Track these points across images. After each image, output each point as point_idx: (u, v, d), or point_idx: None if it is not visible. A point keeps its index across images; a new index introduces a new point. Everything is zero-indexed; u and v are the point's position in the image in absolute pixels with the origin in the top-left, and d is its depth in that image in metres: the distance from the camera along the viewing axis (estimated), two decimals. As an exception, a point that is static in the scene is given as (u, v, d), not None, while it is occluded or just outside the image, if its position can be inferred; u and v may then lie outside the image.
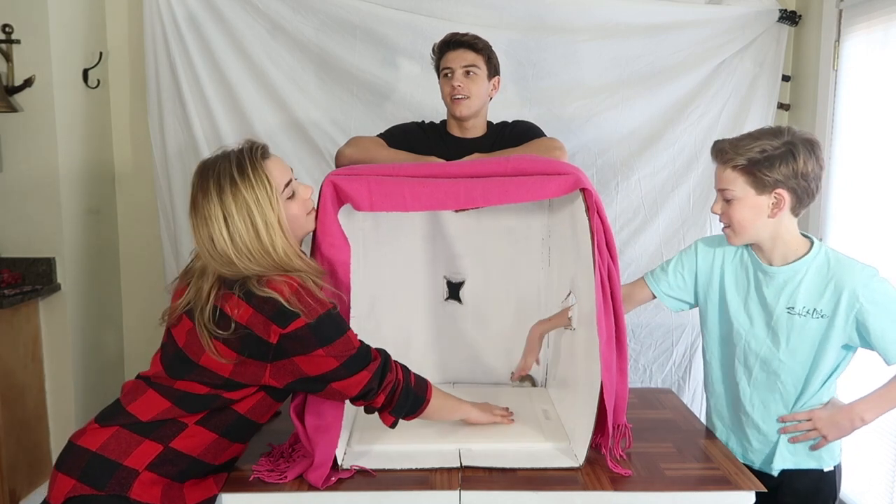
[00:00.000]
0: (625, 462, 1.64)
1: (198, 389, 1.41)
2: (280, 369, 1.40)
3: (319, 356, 1.39)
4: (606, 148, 2.95)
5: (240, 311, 1.36)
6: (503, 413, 1.81)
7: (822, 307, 1.61)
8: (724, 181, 1.64)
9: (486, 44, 2.18)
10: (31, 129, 2.60)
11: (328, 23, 2.83)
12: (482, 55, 2.16)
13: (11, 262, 2.61)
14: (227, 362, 1.38)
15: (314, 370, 1.40)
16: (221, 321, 1.37)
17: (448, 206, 1.61)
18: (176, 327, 1.45)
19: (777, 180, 1.58)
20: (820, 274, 1.63)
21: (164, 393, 1.42)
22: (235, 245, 1.38)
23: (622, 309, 1.62)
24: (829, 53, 2.73)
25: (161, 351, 1.49)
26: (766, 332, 1.69)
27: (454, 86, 2.13)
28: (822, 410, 1.67)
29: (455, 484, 1.52)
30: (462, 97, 2.14)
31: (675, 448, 1.74)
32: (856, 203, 2.59)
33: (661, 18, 2.87)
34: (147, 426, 1.40)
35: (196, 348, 1.40)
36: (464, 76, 2.13)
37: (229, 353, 1.38)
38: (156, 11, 2.78)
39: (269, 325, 1.36)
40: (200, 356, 1.39)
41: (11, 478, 2.49)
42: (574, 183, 1.56)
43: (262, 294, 1.35)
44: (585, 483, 1.55)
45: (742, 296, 1.73)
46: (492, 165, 1.64)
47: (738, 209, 1.64)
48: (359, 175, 1.58)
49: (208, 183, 1.41)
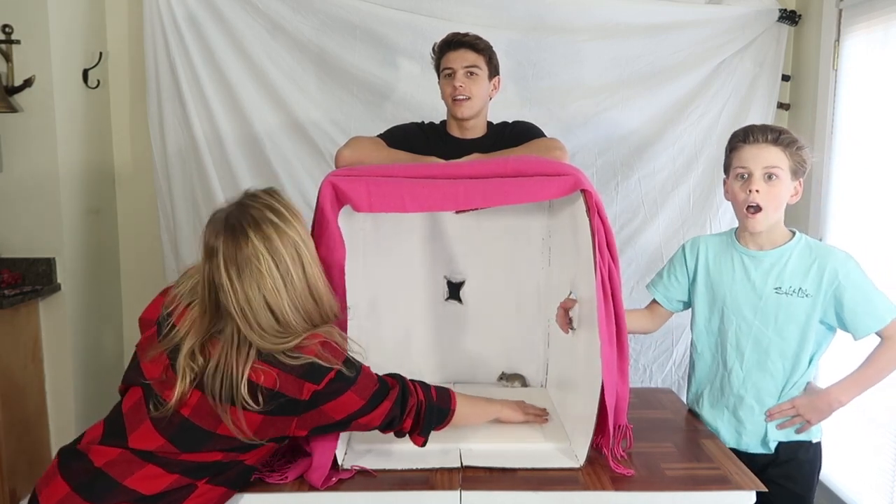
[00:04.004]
0: (626, 462, 1.64)
1: (211, 457, 1.34)
2: (307, 420, 1.36)
3: (347, 398, 1.37)
4: (606, 148, 2.95)
5: (265, 376, 1.30)
6: (537, 412, 1.80)
7: (807, 286, 1.73)
8: (772, 159, 1.72)
9: (487, 44, 2.18)
10: (31, 129, 2.60)
11: (328, 23, 2.83)
12: (483, 55, 2.15)
13: (11, 262, 2.61)
14: (249, 428, 1.31)
15: (341, 413, 1.38)
16: (249, 390, 1.28)
17: (447, 207, 1.61)
18: (169, 391, 1.31)
19: (804, 169, 1.76)
20: (803, 256, 1.76)
21: (169, 466, 1.32)
22: (290, 296, 1.30)
23: (623, 309, 1.62)
24: (829, 53, 2.73)
25: (149, 419, 1.33)
26: (755, 313, 1.79)
27: (456, 86, 2.12)
28: (803, 398, 1.78)
29: (455, 484, 1.52)
30: (463, 98, 2.13)
31: (675, 448, 1.74)
32: (856, 203, 2.59)
33: (661, 18, 2.87)
34: (153, 498, 1.31)
35: (211, 420, 1.31)
36: (465, 77, 2.13)
37: (254, 417, 1.30)
38: (156, 11, 2.78)
39: (301, 384, 1.32)
40: (218, 426, 1.31)
41: (11, 478, 2.49)
42: (574, 184, 1.56)
43: (293, 361, 1.31)
44: (586, 483, 1.55)
45: (729, 282, 1.83)
46: (491, 166, 1.64)
47: (780, 189, 1.74)
48: (358, 176, 1.58)
49: (246, 231, 1.28)
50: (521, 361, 2.14)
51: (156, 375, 1.35)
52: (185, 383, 1.30)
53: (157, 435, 1.33)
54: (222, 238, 1.29)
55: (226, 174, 2.91)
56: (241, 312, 1.28)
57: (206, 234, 1.33)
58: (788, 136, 1.74)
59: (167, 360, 1.35)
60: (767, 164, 1.73)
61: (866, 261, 2.43)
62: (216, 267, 1.29)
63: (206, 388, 1.29)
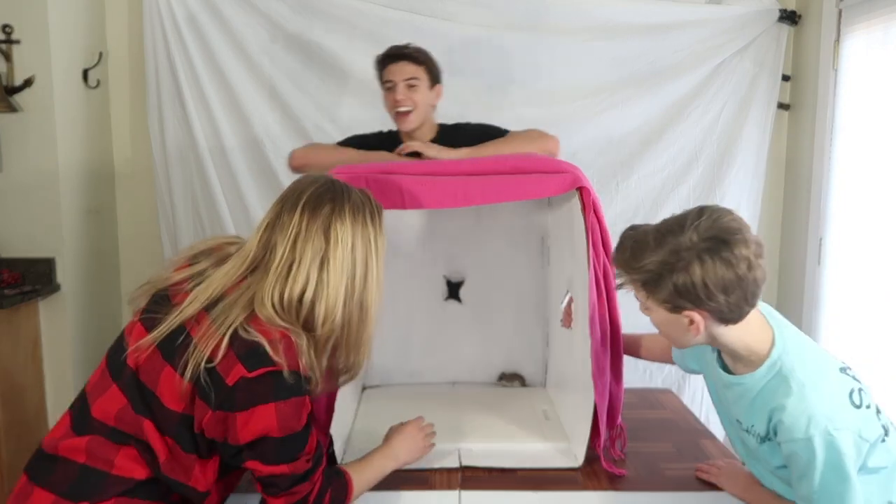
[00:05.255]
0: (621, 462, 1.64)
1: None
2: (214, 423, 1.16)
3: (264, 413, 1.14)
4: (606, 148, 2.95)
5: (214, 345, 1.15)
6: (428, 433, 1.57)
7: (768, 436, 1.30)
8: (637, 295, 1.31)
9: (426, 55, 2.18)
10: (31, 129, 2.60)
11: (328, 23, 2.83)
12: (423, 66, 2.16)
13: (11, 262, 2.61)
14: (181, 399, 1.17)
15: (247, 433, 1.15)
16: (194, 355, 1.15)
17: (446, 204, 1.61)
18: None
19: (680, 300, 1.22)
20: (769, 399, 1.27)
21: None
22: (343, 291, 1.19)
23: (617, 309, 1.62)
24: (829, 53, 2.73)
25: (114, 383, 1.22)
26: (734, 429, 1.42)
27: (396, 99, 2.13)
28: (736, 465, 1.54)
29: (455, 484, 1.52)
30: (405, 109, 2.14)
31: (674, 448, 1.74)
32: (856, 203, 2.59)
33: (661, 18, 2.87)
34: (150, 482, 1.22)
35: (154, 376, 1.19)
36: (406, 89, 2.13)
37: (183, 386, 1.16)
38: (156, 11, 2.78)
39: (234, 364, 1.13)
40: (157, 386, 1.19)
41: (11, 478, 2.49)
42: (572, 181, 1.56)
43: (245, 336, 1.15)
44: (585, 483, 1.55)
45: (711, 384, 1.49)
46: (490, 163, 1.64)
47: (660, 325, 1.32)
48: (356, 174, 1.58)
49: (332, 212, 1.20)
50: (521, 361, 2.15)
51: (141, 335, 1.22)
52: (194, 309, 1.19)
53: (120, 395, 1.20)
54: (310, 207, 1.20)
55: (225, 174, 2.91)
56: (287, 262, 1.18)
57: (310, 189, 1.23)
58: (626, 272, 1.30)
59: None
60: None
61: (866, 261, 2.44)
62: (300, 220, 1.19)
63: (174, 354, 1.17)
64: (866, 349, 2.44)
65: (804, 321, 2.84)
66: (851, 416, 1.20)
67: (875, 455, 1.24)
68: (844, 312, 2.62)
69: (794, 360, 1.26)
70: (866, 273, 2.48)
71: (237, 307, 1.17)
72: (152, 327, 1.20)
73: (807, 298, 2.84)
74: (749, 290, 1.20)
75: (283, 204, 1.22)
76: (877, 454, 1.25)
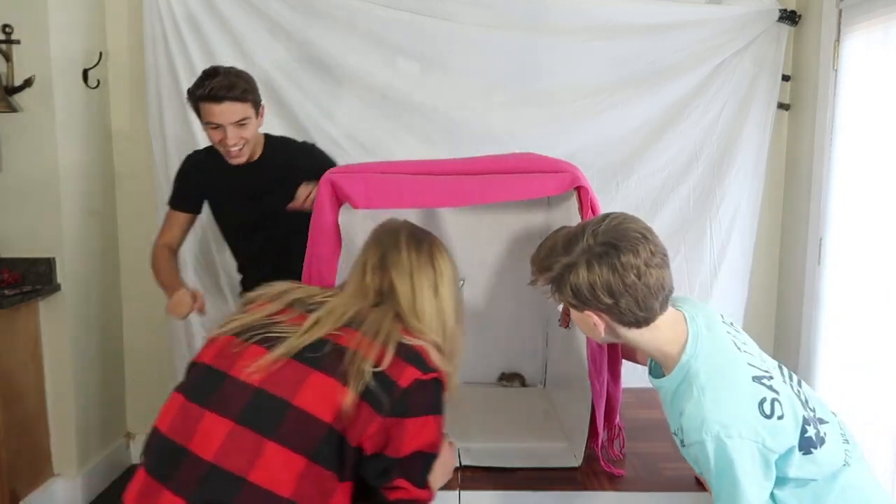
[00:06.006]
0: (619, 462, 1.64)
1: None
2: (384, 430, 1.16)
3: (430, 423, 1.20)
4: (606, 148, 2.95)
5: (378, 353, 1.18)
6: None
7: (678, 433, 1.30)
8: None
9: (249, 86, 2.07)
10: (31, 129, 2.60)
11: (328, 23, 2.83)
12: (249, 102, 2.05)
13: (11, 262, 2.61)
14: (333, 406, 1.14)
15: (412, 443, 1.18)
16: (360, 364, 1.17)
17: (446, 203, 1.61)
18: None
19: (579, 301, 1.26)
20: (678, 403, 1.29)
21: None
22: (450, 301, 1.32)
23: None
24: (829, 53, 2.73)
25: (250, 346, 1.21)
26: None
27: (229, 147, 2.06)
28: None
29: (455, 484, 1.52)
30: (238, 149, 2.08)
31: (673, 448, 1.73)
32: (855, 203, 2.59)
33: (661, 18, 2.87)
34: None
35: (289, 388, 1.17)
36: (237, 128, 2.04)
37: (343, 392, 1.14)
38: (156, 11, 2.78)
39: (405, 367, 1.17)
40: (295, 395, 1.16)
41: (11, 478, 2.49)
42: (572, 181, 1.56)
43: (408, 343, 1.21)
44: (585, 483, 1.55)
45: None
46: (490, 163, 1.64)
47: (576, 323, 1.37)
48: (356, 173, 1.58)
49: (430, 247, 1.35)
50: (521, 361, 2.15)
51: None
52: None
53: (222, 420, 1.15)
54: (413, 246, 1.34)
55: (226, 174, 2.90)
56: (413, 293, 1.29)
57: (401, 239, 1.35)
58: (533, 276, 1.37)
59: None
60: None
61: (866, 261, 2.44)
62: (409, 258, 1.32)
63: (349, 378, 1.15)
64: (866, 349, 2.44)
65: (804, 321, 2.84)
66: (755, 425, 1.20)
67: (796, 466, 1.25)
68: (844, 312, 2.62)
69: (701, 365, 1.26)
70: (866, 273, 2.48)
71: (387, 321, 1.23)
72: (272, 346, 1.19)
73: (807, 298, 2.84)
74: (640, 297, 1.22)
75: (383, 247, 1.33)
76: (799, 465, 1.25)
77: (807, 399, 1.32)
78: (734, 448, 1.18)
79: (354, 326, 1.21)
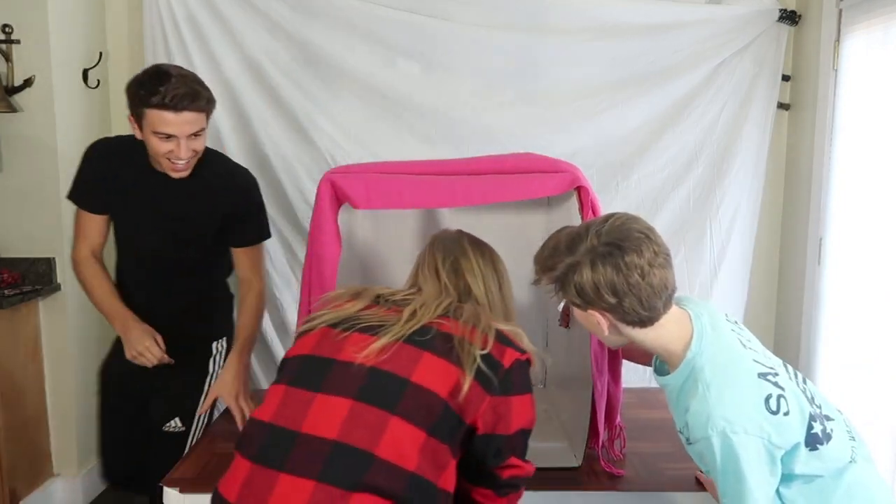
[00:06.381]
0: (620, 462, 1.63)
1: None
2: (492, 409, 1.23)
3: (528, 401, 1.28)
4: (606, 148, 2.95)
5: (481, 339, 1.25)
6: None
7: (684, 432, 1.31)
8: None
9: (209, 93, 1.82)
10: (31, 129, 2.60)
11: (328, 23, 2.83)
12: (206, 111, 1.81)
13: (11, 262, 2.61)
14: (445, 382, 1.21)
15: (517, 421, 1.26)
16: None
17: (446, 203, 1.61)
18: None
19: (582, 301, 1.28)
20: (683, 399, 1.30)
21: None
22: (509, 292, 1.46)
23: None
24: (829, 53, 2.73)
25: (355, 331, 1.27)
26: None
27: (177, 161, 1.81)
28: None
29: (454, 483, 1.51)
30: (185, 163, 1.83)
31: (674, 448, 1.74)
32: (855, 203, 2.59)
33: (661, 18, 2.87)
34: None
35: (407, 365, 1.23)
36: (189, 140, 1.79)
37: (453, 371, 1.21)
38: (156, 11, 2.78)
39: (504, 349, 1.25)
40: (412, 372, 1.23)
41: (11, 478, 2.49)
42: (572, 181, 1.56)
43: (506, 329, 1.30)
44: (585, 483, 1.55)
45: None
46: (490, 163, 1.64)
47: (581, 322, 1.36)
48: (356, 173, 1.58)
49: (490, 254, 1.48)
50: (521, 361, 2.14)
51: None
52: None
53: (341, 401, 1.18)
54: (479, 252, 1.47)
55: (226, 174, 2.90)
56: (486, 293, 1.40)
57: (466, 246, 1.46)
58: (536, 275, 1.35)
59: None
60: None
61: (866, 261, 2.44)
62: (477, 263, 1.44)
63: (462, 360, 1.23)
64: (866, 349, 2.44)
65: (804, 321, 2.84)
66: (760, 422, 1.21)
67: (802, 462, 1.25)
68: (844, 312, 2.62)
69: (706, 362, 1.28)
70: (866, 273, 2.48)
71: (482, 312, 1.32)
72: (377, 333, 1.25)
73: (807, 298, 2.84)
74: (644, 297, 1.23)
75: (453, 253, 1.44)
76: (805, 461, 1.25)
77: (812, 396, 1.32)
78: (739, 444, 1.18)
79: (453, 317, 1.29)
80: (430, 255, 1.45)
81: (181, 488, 1.57)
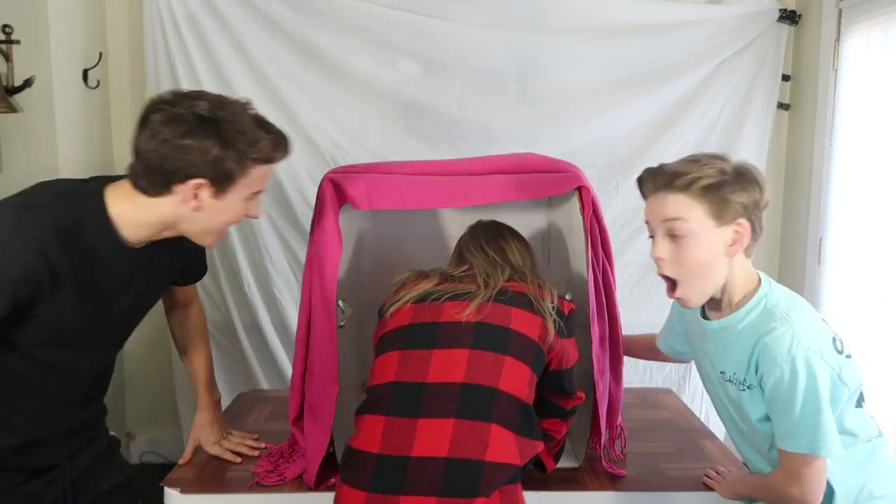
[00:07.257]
0: (621, 462, 1.64)
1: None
2: (562, 350, 1.46)
3: (575, 344, 1.51)
4: (606, 148, 2.95)
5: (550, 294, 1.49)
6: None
7: (749, 379, 1.32)
8: (676, 210, 1.30)
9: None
10: (31, 129, 2.59)
11: (328, 23, 2.83)
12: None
13: (11, 263, 2.60)
14: (534, 328, 1.43)
15: (571, 358, 1.49)
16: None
17: (447, 203, 1.61)
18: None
19: (744, 205, 1.29)
20: (748, 337, 1.31)
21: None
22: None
23: (617, 309, 1.62)
24: (829, 53, 2.73)
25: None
26: (719, 390, 1.43)
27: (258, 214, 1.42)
28: (738, 473, 1.55)
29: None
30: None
31: (675, 448, 1.74)
32: (855, 202, 2.59)
33: (661, 18, 2.87)
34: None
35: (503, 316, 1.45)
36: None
37: (536, 319, 1.44)
38: (156, 11, 2.78)
39: (562, 301, 1.50)
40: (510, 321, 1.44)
41: (11, 478, 2.49)
42: (572, 181, 1.56)
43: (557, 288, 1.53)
44: (586, 483, 1.55)
45: (696, 349, 1.51)
46: (490, 163, 1.64)
47: (695, 248, 1.30)
48: (357, 173, 1.58)
49: (522, 238, 1.68)
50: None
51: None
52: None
53: (460, 353, 1.38)
54: (515, 237, 1.66)
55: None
56: (524, 266, 1.59)
57: (504, 232, 1.66)
58: (689, 175, 1.29)
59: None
60: (666, 217, 1.32)
61: (866, 261, 2.44)
62: (514, 244, 1.63)
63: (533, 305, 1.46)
64: (866, 349, 2.44)
65: (804, 321, 2.84)
66: (833, 355, 1.26)
67: (851, 415, 1.31)
68: (844, 312, 2.62)
69: (780, 296, 1.35)
70: (866, 273, 2.48)
71: (539, 276, 1.56)
72: (467, 298, 1.45)
73: (807, 298, 2.83)
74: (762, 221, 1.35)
75: (495, 239, 1.63)
76: (853, 415, 1.31)
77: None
78: (820, 369, 1.23)
79: (518, 280, 1.51)
80: (472, 239, 1.63)
81: (181, 488, 1.57)
